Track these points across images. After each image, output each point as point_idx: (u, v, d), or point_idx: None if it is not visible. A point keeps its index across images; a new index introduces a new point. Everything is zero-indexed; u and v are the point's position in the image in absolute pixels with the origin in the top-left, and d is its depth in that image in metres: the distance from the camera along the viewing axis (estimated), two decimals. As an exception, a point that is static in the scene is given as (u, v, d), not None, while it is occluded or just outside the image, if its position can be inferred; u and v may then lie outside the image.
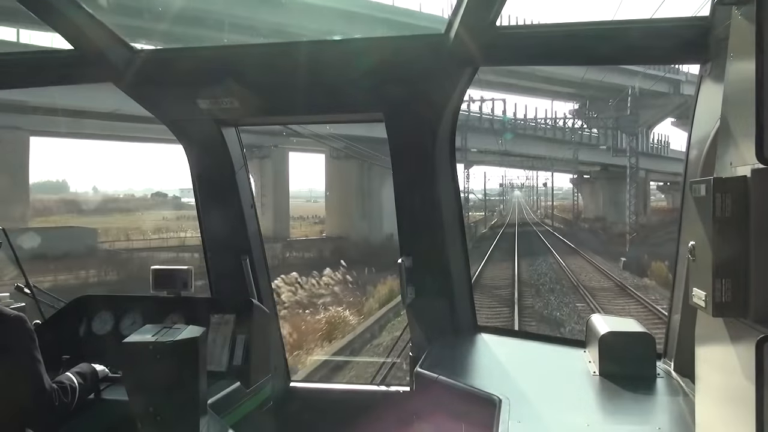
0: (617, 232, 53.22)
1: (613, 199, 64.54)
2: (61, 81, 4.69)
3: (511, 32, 3.70)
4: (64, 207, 72.87)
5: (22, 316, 3.04)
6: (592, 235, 58.17)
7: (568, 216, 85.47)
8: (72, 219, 56.66)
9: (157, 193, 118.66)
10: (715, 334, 2.02)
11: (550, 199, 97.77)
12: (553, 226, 76.80)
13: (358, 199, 46.69)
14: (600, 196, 70.62)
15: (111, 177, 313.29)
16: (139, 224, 62.55)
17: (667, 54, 3.60)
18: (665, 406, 3.12)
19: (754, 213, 1.82)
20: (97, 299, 4.18)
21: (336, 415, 4.52)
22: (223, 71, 4.02)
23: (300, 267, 23.66)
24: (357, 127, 32.40)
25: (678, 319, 3.42)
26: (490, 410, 2.94)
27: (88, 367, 3.37)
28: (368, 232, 44.22)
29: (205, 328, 3.15)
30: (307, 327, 16.58)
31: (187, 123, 4.33)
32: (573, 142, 61.26)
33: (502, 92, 58.46)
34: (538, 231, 66.83)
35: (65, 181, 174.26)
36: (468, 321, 4.40)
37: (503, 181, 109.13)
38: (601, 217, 67.52)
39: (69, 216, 62.01)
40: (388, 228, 40.20)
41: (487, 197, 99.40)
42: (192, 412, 2.97)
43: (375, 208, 45.47)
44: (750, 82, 1.83)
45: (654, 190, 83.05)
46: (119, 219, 68.49)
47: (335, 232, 47.48)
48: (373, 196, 45.59)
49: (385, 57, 3.86)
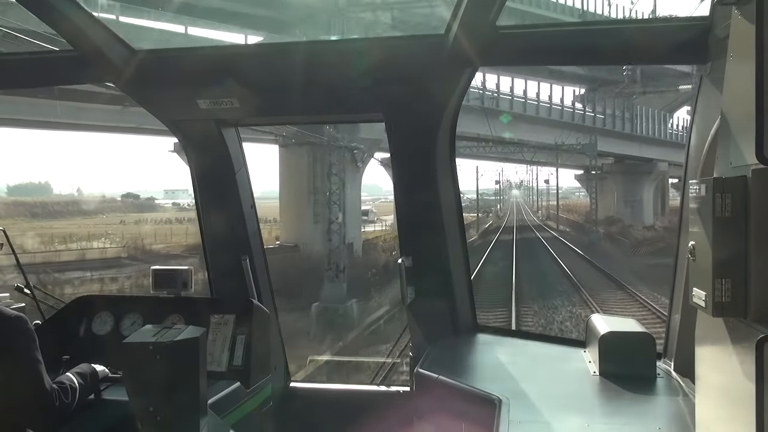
0: (639, 239, 45.21)
1: (629, 197, 56.36)
2: (61, 81, 4.70)
3: (511, 32, 3.70)
4: (14, 210, 69.76)
5: (23, 316, 3.04)
6: (613, 244, 47.00)
7: (573, 217, 73.64)
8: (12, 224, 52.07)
9: (128, 194, 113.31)
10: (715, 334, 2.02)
11: (552, 198, 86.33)
12: (559, 229, 66.08)
13: (310, 198, 35.18)
14: (613, 193, 59.07)
15: (83, 174, 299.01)
16: (76, 229, 56.67)
17: (667, 54, 3.60)
18: (665, 406, 3.12)
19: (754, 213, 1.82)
20: (97, 299, 4.17)
21: (336, 415, 4.52)
22: (223, 71, 4.02)
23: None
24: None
25: (678, 319, 3.42)
26: (490, 410, 2.94)
27: (88, 367, 3.37)
28: (321, 241, 32.78)
29: (205, 328, 3.14)
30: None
31: (187, 123, 4.33)
32: (584, 127, 48.89)
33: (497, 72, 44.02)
34: (542, 238, 53.93)
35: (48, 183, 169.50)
36: (468, 321, 4.40)
37: (500, 178, 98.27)
38: (615, 219, 56.51)
39: (11, 220, 57.78)
40: (350, 234, 33.02)
41: (482, 196, 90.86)
42: (192, 412, 2.97)
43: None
44: (750, 82, 1.83)
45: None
46: (63, 223, 64.66)
47: (291, 240, 36.43)
48: (326, 193, 34.35)
49: (385, 57, 3.86)
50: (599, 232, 51.30)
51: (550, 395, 3.20)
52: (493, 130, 39.85)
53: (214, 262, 4.60)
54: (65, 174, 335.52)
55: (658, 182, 57.82)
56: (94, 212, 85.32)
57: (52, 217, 76.23)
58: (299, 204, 35.92)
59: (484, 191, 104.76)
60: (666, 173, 57.32)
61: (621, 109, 52.18)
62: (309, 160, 34.84)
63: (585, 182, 68.41)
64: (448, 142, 4.13)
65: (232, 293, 4.42)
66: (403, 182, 4.21)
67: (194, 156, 4.49)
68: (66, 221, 70.13)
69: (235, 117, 4.29)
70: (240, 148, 4.54)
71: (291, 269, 27.81)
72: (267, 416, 4.15)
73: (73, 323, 4.00)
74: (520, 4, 41.40)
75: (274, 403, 4.27)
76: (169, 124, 4.35)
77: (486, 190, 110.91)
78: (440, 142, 4.07)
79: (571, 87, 53.68)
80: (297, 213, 36.57)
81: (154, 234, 51.50)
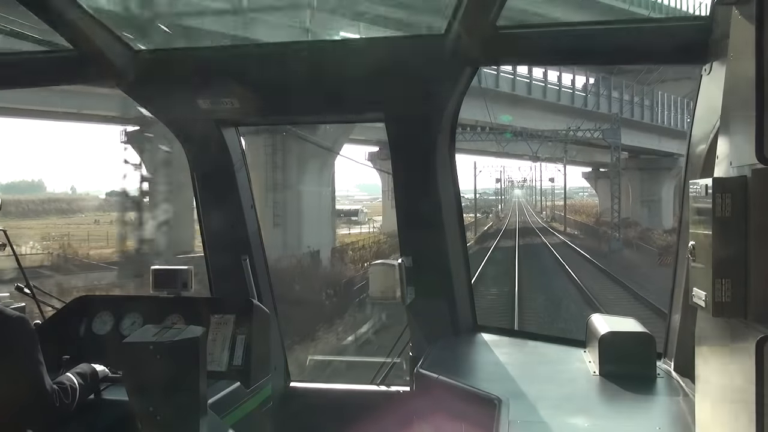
0: (662, 245, 36.53)
1: (646, 196, 50.34)
2: (61, 81, 4.70)
3: (511, 32, 3.70)
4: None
5: (24, 317, 3.04)
6: (636, 252, 39.35)
7: (581, 218, 66.00)
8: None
9: (112, 192, 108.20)
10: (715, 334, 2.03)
11: (557, 198, 77.76)
12: (567, 233, 56.95)
13: (269, 196, 29.55)
14: (627, 192, 50.70)
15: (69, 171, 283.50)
16: (37, 231, 50.60)
17: (667, 54, 3.61)
18: (665, 406, 3.12)
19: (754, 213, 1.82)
20: (97, 299, 4.18)
21: (336, 415, 4.52)
22: (223, 71, 4.03)
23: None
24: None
25: (678, 319, 3.42)
26: (490, 410, 2.94)
27: (88, 367, 3.37)
28: (282, 248, 27.64)
29: (205, 328, 3.15)
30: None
31: (187, 123, 4.33)
32: (598, 115, 41.78)
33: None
34: (549, 244, 46.39)
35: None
36: (468, 321, 4.40)
37: (501, 176, 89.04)
38: (632, 222, 49.24)
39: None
40: (310, 240, 27.99)
41: (480, 196, 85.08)
42: (192, 412, 2.97)
43: (292, 210, 29.96)
44: (750, 82, 1.83)
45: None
46: (33, 223, 59.72)
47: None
48: (289, 190, 29.96)
49: (385, 57, 3.87)
50: (619, 238, 43.38)
51: (550, 395, 3.20)
52: (492, 116, 33.25)
53: (214, 261, 4.60)
54: (60, 171, 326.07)
55: (678, 180, 54.09)
56: (72, 211, 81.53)
57: (24, 216, 71.00)
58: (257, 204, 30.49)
59: (484, 191, 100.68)
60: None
61: (640, 95, 46.27)
62: (267, 150, 29.66)
63: (593, 180, 61.92)
64: (448, 142, 4.13)
65: (232, 293, 4.42)
66: (403, 182, 4.21)
67: (194, 156, 4.49)
68: (38, 221, 65.78)
69: (235, 117, 4.29)
70: (240, 148, 4.54)
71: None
72: (267, 416, 4.16)
73: (73, 323, 4.00)
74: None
75: (274, 403, 4.28)
76: (169, 124, 4.36)
77: (485, 190, 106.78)
78: (440, 142, 4.07)
79: (583, 76, 45.35)
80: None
81: (106, 236, 44.59)
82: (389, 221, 52.09)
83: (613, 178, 46.28)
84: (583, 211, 75.95)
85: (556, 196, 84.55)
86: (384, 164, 42.38)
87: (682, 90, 46.89)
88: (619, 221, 44.44)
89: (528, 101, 40.56)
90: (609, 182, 47.44)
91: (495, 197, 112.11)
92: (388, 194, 53.85)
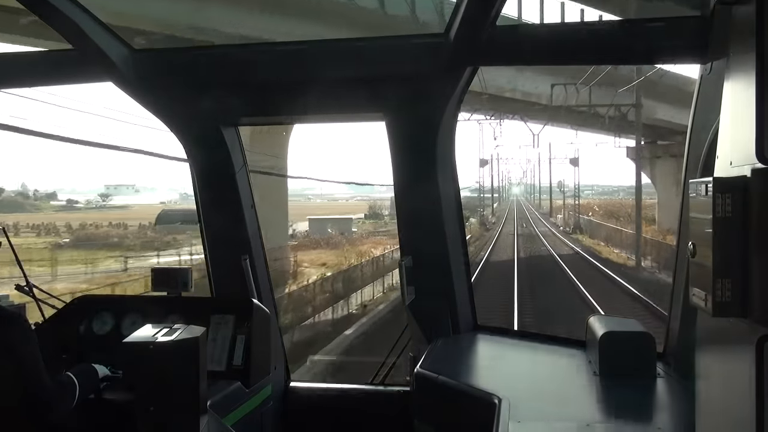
0: None
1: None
2: (61, 81, 4.69)
3: (511, 32, 3.70)
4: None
5: (23, 316, 3.04)
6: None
7: (646, 231, 33.29)
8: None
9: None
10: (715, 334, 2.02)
11: (562, 194, 52.86)
12: (646, 269, 28.44)
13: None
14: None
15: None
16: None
17: (667, 54, 3.61)
18: (665, 406, 3.12)
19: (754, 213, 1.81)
20: (97, 299, 4.18)
21: (336, 415, 4.52)
22: (223, 71, 4.02)
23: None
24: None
25: (678, 319, 3.42)
26: (490, 410, 2.93)
27: (88, 367, 3.36)
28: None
29: (205, 328, 3.15)
30: None
31: (187, 123, 4.33)
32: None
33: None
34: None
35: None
36: (468, 321, 4.40)
37: (491, 161, 60.46)
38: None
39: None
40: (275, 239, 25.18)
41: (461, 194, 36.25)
42: (192, 412, 2.97)
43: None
44: (750, 82, 1.83)
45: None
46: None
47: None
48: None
49: (385, 57, 3.87)
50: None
51: (550, 395, 3.20)
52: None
53: (214, 261, 4.60)
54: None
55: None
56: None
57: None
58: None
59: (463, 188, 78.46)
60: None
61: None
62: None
63: (644, 162, 36.10)
64: (448, 142, 4.13)
65: (232, 293, 4.42)
66: (403, 182, 4.21)
67: (194, 156, 4.49)
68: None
69: (235, 117, 4.29)
70: (240, 148, 4.55)
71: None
72: (267, 416, 4.16)
73: (73, 323, 4.00)
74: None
75: (274, 403, 4.28)
76: (169, 123, 4.36)
77: (463, 188, 76.30)
78: (440, 142, 4.07)
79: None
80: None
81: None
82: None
83: (639, 164, 28.31)
84: (620, 214, 48.29)
85: (577, 191, 54.90)
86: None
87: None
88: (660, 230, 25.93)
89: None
90: (676, 164, 27.43)
91: (478, 195, 73.40)
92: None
